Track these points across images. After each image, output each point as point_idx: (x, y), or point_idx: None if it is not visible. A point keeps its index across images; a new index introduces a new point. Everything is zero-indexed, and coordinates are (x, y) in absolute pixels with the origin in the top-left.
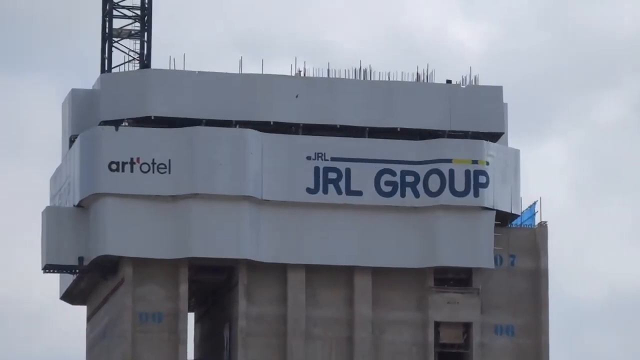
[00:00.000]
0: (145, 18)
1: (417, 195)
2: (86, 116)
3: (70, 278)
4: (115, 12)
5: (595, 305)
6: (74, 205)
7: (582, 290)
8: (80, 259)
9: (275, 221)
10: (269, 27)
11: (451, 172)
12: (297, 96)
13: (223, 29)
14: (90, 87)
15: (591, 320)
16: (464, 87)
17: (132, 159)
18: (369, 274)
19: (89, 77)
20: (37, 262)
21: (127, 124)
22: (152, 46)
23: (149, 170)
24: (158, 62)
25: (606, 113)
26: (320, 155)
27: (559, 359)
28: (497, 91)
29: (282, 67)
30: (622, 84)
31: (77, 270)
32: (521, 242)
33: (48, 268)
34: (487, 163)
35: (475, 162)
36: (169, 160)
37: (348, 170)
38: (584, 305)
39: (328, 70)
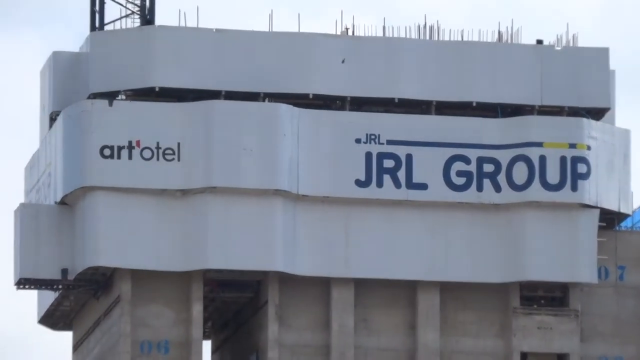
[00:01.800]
0: None
1: (498, 189)
2: (72, 87)
3: (51, 296)
4: None
5: None
6: (55, 203)
7: None
8: (64, 272)
9: (315, 223)
10: None
11: (542, 159)
12: (343, 61)
13: None
14: (77, 50)
15: None
16: (558, 49)
17: (130, 142)
18: (436, 291)
19: (75, 36)
20: (9, 275)
21: (124, 97)
22: None
23: (152, 157)
24: (164, 17)
25: None
26: (373, 137)
27: None
28: (602, 54)
29: (324, 24)
30: None
31: (60, 286)
32: (632, 250)
33: (22, 283)
34: (589, 147)
35: (573, 146)
36: (178, 144)
37: (409, 157)
38: None
39: (384, 27)
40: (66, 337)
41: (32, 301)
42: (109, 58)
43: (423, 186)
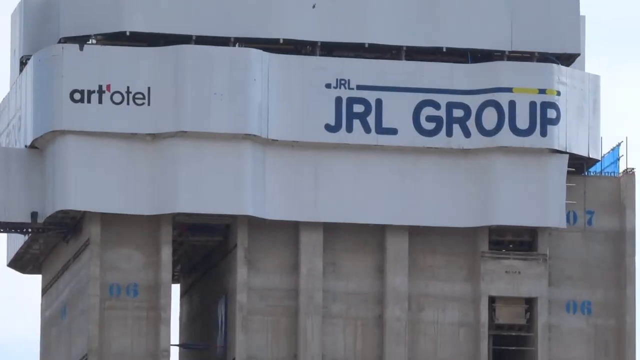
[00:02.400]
0: None
1: (467, 134)
2: (42, 31)
3: (20, 239)
4: None
5: None
6: (25, 147)
7: None
8: (34, 215)
9: (284, 167)
10: None
11: (512, 104)
12: (314, 6)
13: None
14: None
15: None
16: None
17: (100, 86)
18: (405, 235)
19: None
20: None
21: (94, 41)
22: None
23: (122, 102)
24: None
25: None
26: (343, 82)
27: None
28: (572, 0)
29: None
30: None
31: (30, 230)
32: (601, 195)
33: None
34: (558, 93)
35: (542, 91)
36: (149, 89)
37: (379, 102)
38: None
39: None
40: (35, 281)
41: (1, 244)
42: (80, 2)
43: (393, 131)
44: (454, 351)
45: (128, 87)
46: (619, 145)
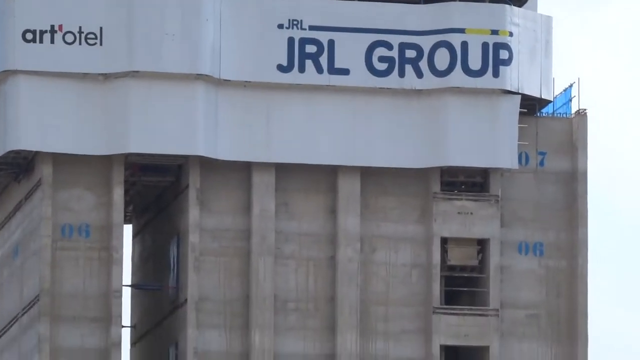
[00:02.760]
0: None
1: (420, 74)
2: None
3: None
4: None
5: None
6: None
7: (633, 199)
8: None
9: (237, 108)
10: None
11: (464, 45)
12: None
13: None
14: None
15: None
16: None
17: (52, 26)
18: (357, 176)
19: None
20: None
21: None
22: None
23: (74, 42)
24: None
25: None
26: (295, 23)
27: (599, 286)
28: None
29: None
30: None
31: None
32: (553, 135)
33: None
34: (511, 34)
35: (495, 32)
36: (101, 29)
37: (331, 43)
38: (633, 218)
39: None
40: None
41: None
42: None
43: (345, 71)
44: (406, 292)
45: (80, 27)
46: (571, 86)
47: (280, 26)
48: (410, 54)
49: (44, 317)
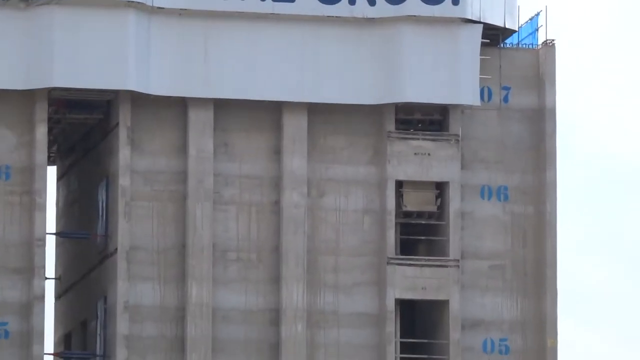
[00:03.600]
0: None
1: (372, 2)
2: None
3: None
4: None
5: (620, 160)
6: None
7: (603, 138)
8: None
9: (171, 38)
10: None
11: None
12: None
13: None
14: None
15: (615, 180)
16: None
17: None
18: (304, 113)
19: None
20: None
21: None
22: None
23: None
24: None
25: None
26: None
27: (569, 233)
28: None
29: None
30: None
31: None
32: (518, 69)
33: None
34: None
35: None
36: None
37: None
38: (605, 158)
39: None
40: None
41: None
42: None
43: None
44: (358, 240)
45: None
46: (537, 14)
47: None
48: None
49: None
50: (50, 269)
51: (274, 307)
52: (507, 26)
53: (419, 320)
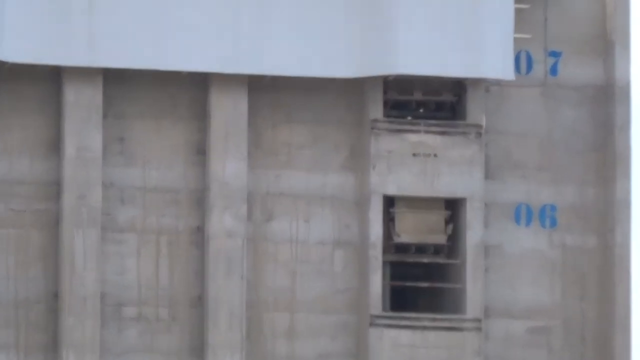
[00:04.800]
0: None
1: None
2: None
3: None
4: None
5: None
6: None
7: None
8: None
9: None
10: None
11: None
12: None
13: None
14: None
15: None
16: None
17: None
18: (242, 92)
19: None
20: None
21: None
22: None
23: None
24: None
25: None
26: None
27: None
28: None
29: None
30: None
31: None
32: (574, 24)
33: None
34: None
35: None
36: None
37: None
38: None
39: None
40: None
41: None
42: None
43: None
44: (325, 288)
45: None
46: None
47: None
48: None
49: None
50: None
51: None
52: None
53: None
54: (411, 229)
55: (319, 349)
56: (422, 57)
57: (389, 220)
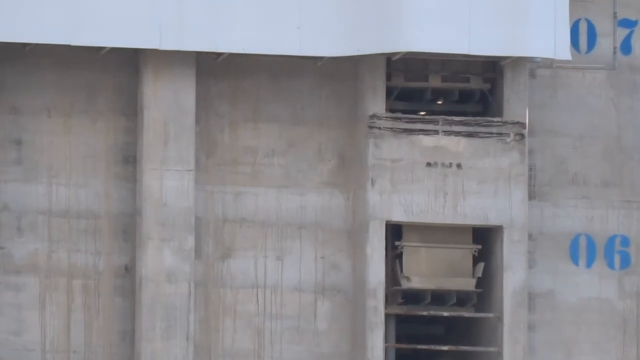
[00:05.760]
0: None
1: None
2: None
3: None
4: None
5: None
6: None
7: None
8: None
9: None
10: None
11: None
12: None
13: None
14: None
15: None
16: None
17: None
18: (188, 74)
19: None
20: None
21: None
22: None
23: None
24: None
25: None
26: None
27: None
28: None
29: None
30: None
31: None
32: None
33: None
34: None
35: None
36: None
37: None
38: None
39: None
40: None
41: None
42: None
43: None
44: (306, 354)
45: None
46: None
47: None
48: None
49: None
50: None
51: None
52: None
53: None
54: (426, 270)
55: None
56: (440, 29)
57: (394, 257)
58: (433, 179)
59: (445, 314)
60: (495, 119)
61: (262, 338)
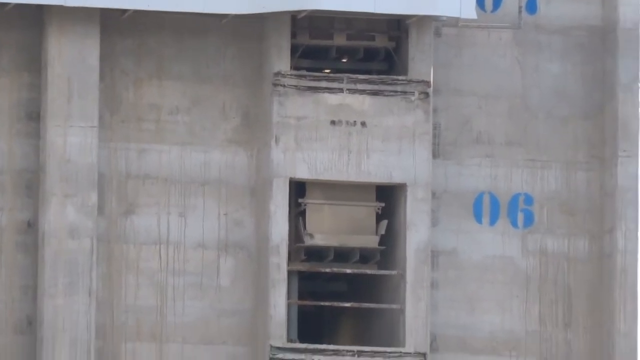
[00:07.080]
0: None
1: None
2: None
3: None
4: None
5: None
6: None
7: None
8: None
9: None
10: None
11: None
12: None
13: None
14: None
15: None
16: None
17: None
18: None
19: None
20: None
21: None
22: None
23: None
24: None
25: None
26: None
27: None
28: None
29: None
30: None
31: None
32: None
33: None
34: None
35: None
36: None
37: None
38: None
39: None
40: None
41: None
42: None
43: None
44: (202, 309)
45: None
46: None
47: None
48: None
49: None
50: None
51: None
52: None
53: None
54: (329, 227)
55: None
56: None
57: (297, 214)
58: (337, 137)
59: (349, 271)
60: (400, 78)
61: (165, 294)
